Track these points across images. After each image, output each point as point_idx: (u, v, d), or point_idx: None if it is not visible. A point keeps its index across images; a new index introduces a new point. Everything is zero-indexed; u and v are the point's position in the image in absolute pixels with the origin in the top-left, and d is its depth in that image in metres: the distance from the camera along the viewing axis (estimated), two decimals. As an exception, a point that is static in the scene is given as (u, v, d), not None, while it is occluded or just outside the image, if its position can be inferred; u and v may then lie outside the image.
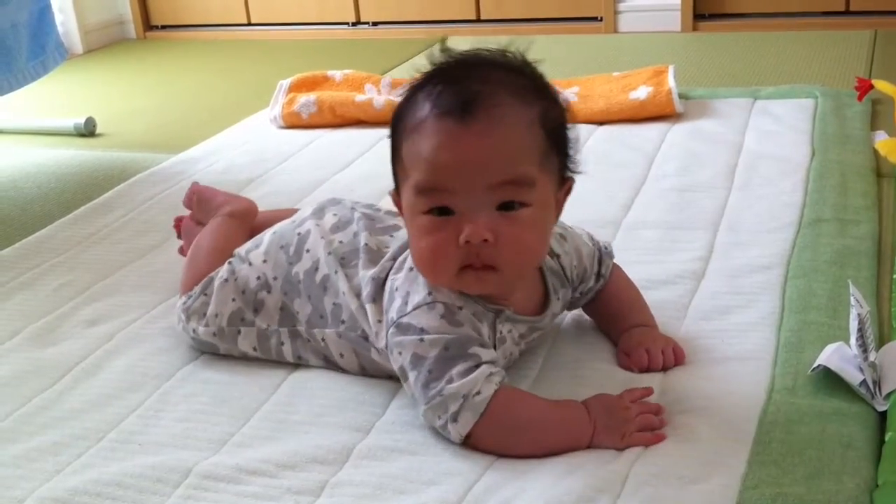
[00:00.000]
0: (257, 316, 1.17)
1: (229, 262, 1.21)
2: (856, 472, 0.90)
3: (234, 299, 1.18)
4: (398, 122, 1.00)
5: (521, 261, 0.99)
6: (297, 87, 2.28)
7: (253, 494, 0.94)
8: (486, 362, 0.98)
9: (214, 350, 1.20)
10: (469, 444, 0.97)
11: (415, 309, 1.01)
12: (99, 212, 1.76)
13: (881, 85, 1.77)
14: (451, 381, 0.96)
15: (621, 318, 1.16)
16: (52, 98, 2.79)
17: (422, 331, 0.99)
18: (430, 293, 1.01)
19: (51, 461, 1.03)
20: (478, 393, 0.96)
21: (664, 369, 1.09)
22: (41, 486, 0.99)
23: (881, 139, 1.75)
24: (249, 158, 2.01)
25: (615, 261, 1.18)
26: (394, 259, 1.09)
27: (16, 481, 1.00)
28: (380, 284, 1.08)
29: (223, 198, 1.39)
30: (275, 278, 1.16)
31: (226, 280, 1.19)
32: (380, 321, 1.06)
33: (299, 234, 1.18)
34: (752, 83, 2.31)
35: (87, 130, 2.37)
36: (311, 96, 2.21)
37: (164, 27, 3.68)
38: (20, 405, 1.14)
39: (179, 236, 1.45)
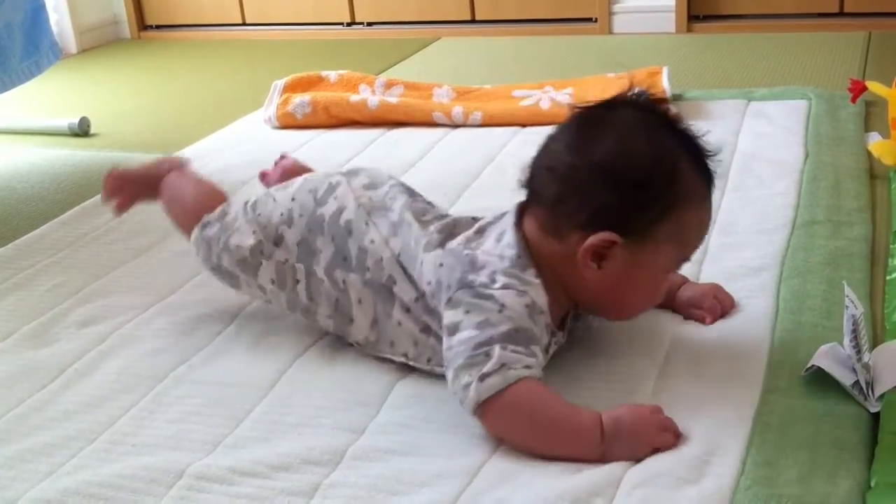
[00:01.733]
0: (277, 249, 1.19)
1: (254, 196, 1.24)
2: (849, 474, 0.90)
3: (254, 231, 1.20)
4: (672, 181, 1.03)
5: None
6: (291, 88, 2.28)
7: (246, 496, 0.94)
8: (537, 362, 1.00)
9: (234, 285, 1.24)
10: (480, 420, 0.98)
11: (504, 288, 1.02)
12: (93, 212, 1.75)
13: (875, 87, 1.77)
14: (504, 348, 0.98)
15: None
16: (46, 98, 2.79)
17: (502, 306, 1.01)
18: (524, 284, 1.03)
19: (44, 462, 1.03)
20: (513, 369, 0.97)
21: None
22: (34, 487, 0.98)
23: (875, 141, 1.76)
24: (244, 159, 2.01)
25: None
26: (441, 233, 1.11)
27: (8, 482, 1.00)
28: (434, 245, 1.09)
29: (148, 166, 1.42)
30: (300, 215, 1.19)
31: (252, 208, 1.22)
32: (429, 282, 1.07)
33: (330, 183, 1.21)
34: (746, 84, 2.32)
35: (82, 130, 2.37)
36: (305, 97, 2.20)
37: (158, 27, 3.68)
38: (13, 406, 1.14)
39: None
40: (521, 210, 1.09)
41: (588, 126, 1.06)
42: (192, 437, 1.05)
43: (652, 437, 0.95)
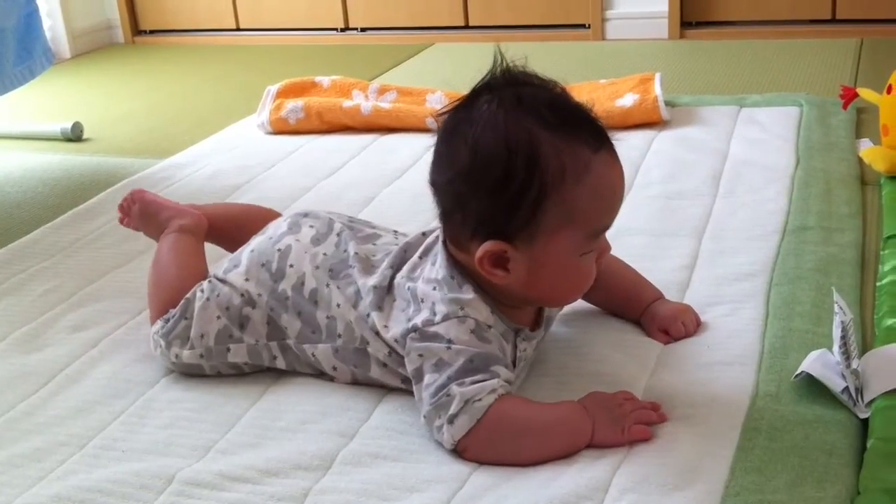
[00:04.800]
0: (244, 332, 1.14)
1: (209, 282, 1.18)
2: (838, 480, 0.90)
3: (219, 317, 1.15)
4: (534, 166, 0.95)
5: None
6: (284, 93, 2.28)
7: (236, 501, 0.94)
8: (502, 380, 0.99)
9: (199, 372, 1.17)
10: (468, 457, 0.97)
11: (444, 320, 1.01)
12: (85, 217, 1.75)
13: (866, 93, 1.78)
14: (462, 384, 0.97)
15: (635, 298, 1.21)
16: (39, 103, 2.79)
17: (449, 341, 1.00)
18: (462, 308, 1.01)
19: (34, 467, 1.03)
20: (478, 400, 0.96)
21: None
22: (24, 492, 0.98)
23: (866, 147, 1.76)
24: (236, 164, 2.01)
25: None
26: (392, 268, 1.09)
27: (-1, 488, 1.00)
28: (383, 293, 1.08)
29: (170, 211, 1.33)
30: (259, 295, 1.14)
31: (207, 299, 1.15)
32: (385, 326, 1.06)
33: (279, 250, 1.16)
34: (738, 91, 2.32)
35: (75, 135, 2.37)
36: (298, 102, 2.20)
37: (152, 32, 3.68)
38: (4, 411, 1.14)
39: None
40: None
41: (448, 134, 1.01)
42: (182, 442, 1.05)
43: (630, 408, 0.98)
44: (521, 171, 0.96)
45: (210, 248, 1.36)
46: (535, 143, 0.95)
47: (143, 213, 1.35)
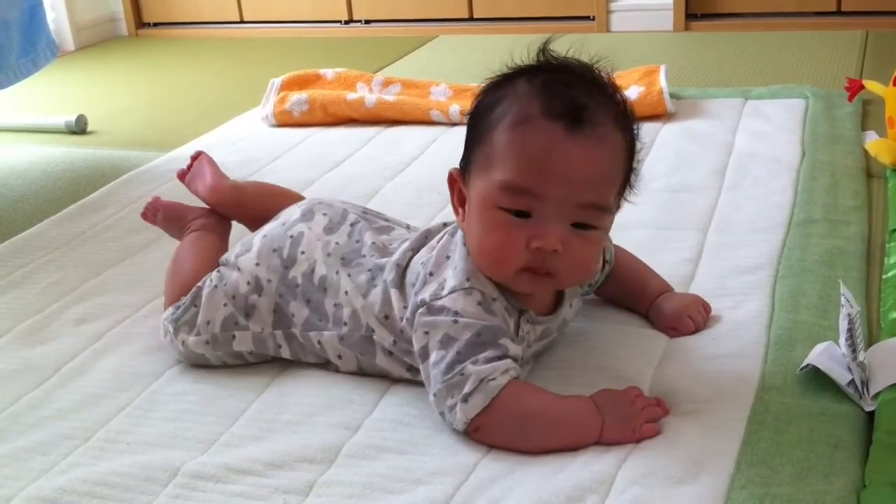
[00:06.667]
0: (249, 320, 1.15)
1: (217, 271, 1.18)
2: (843, 473, 0.90)
3: (225, 304, 1.15)
4: (494, 105, 1.00)
5: (577, 276, 1.04)
6: (288, 86, 2.27)
7: (241, 494, 0.94)
8: (511, 356, 0.99)
9: (204, 361, 1.17)
10: (476, 437, 0.98)
11: (451, 293, 1.02)
12: (89, 210, 1.75)
13: (872, 85, 1.77)
14: (476, 362, 0.97)
15: (642, 291, 1.21)
16: (43, 95, 2.78)
17: (456, 314, 1.00)
18: (468, 279, 1.02)
19: (39, 460, 1.03)
20: (493, 380, 0.96)
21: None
22: (29, 485, 0.98)
23: (871, 139, 1.76)
24: (240, 157, 2.01)
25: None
26: (413, 250, 1.10)
27: (4, 480, 1.00)
28: (402, 271, 1.08)
29: (195, 212, 1.34)
30: (269, 280, 1.15)
31: (215, 287, 1.16)
32: (405, 307, 1.06)
33: (291, 236, 1.17)
34: (743, 83, 2.32)
35: (79, 128, 2.37)
36: (302, 94, 2.20)
37: (156, 25, 3.68)
38: (9, 404, 1.14)
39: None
40: None
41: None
42: (187, 435, 1.05)
43: (640, 406, 0.98)
44: (483, 108, 1.02)
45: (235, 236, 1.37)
46: (505, 94, 1.01)
47: (167, 217, 1.35)
